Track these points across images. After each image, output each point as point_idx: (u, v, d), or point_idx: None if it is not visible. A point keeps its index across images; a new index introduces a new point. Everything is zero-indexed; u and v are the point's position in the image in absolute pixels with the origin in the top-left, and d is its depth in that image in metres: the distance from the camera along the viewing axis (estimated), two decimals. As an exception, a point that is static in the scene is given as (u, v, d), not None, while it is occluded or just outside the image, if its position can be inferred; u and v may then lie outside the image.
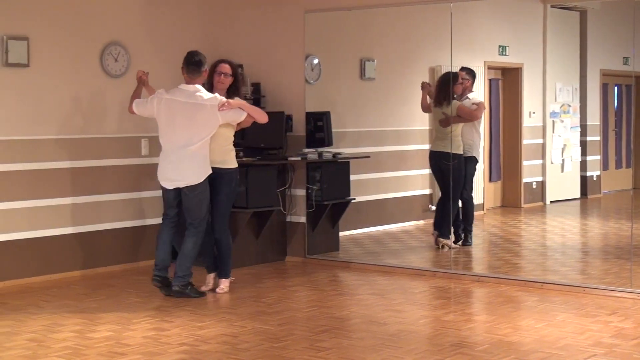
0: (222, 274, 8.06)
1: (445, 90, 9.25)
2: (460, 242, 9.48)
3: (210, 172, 7.66)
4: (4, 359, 5.84)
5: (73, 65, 8.73)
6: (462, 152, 9.35)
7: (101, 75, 8.95)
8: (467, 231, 9.52)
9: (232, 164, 7.87)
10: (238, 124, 7.87)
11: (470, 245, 9.52)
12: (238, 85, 8.01)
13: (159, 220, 9.47)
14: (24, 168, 8.35)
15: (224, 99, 7.64)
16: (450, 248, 9.13)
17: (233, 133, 7.92)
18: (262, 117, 7.86)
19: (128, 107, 7.94)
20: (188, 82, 7.72)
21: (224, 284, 8.02)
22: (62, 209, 8.64)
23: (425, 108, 9.66)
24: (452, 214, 9.26)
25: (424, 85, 9.61)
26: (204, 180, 7.66)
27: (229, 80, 7.89)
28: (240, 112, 7.73)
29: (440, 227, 9.49)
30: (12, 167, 8.27)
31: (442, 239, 9.36)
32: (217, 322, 6.80)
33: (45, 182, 8.52)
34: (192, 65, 7.73)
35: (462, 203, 9.47)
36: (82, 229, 8.82)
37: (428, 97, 9.54)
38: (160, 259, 7.79)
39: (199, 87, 7.71)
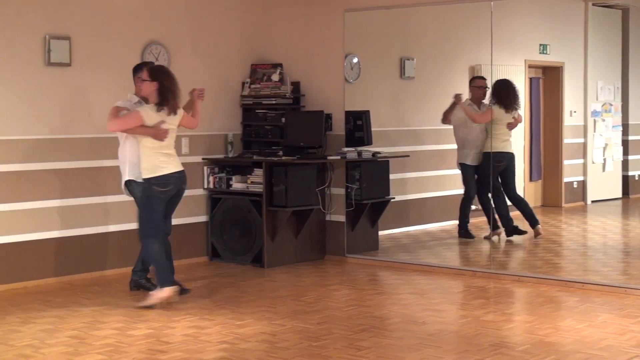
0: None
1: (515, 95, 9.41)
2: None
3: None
4: (47, 356, 5.90)
5: (114, 65, 8.79)
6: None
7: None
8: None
9: None
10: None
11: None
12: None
13: (200, 219, 9.58)
14: (70, 166, 8.43)
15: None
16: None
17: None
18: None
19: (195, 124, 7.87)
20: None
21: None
22: (104, 207, 8.71)
23: (449, 119, 9.71)
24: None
25: (458, 98, 9.57)
26: None
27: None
28: None
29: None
30: (58, 165, 8.36)
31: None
32: (256, 321, 6.82)
33: (90, 180, 8.59)
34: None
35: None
36: (121, 227, 8.87)
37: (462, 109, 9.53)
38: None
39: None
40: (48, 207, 8.32)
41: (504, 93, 9.42)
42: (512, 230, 9.58)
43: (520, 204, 9.62)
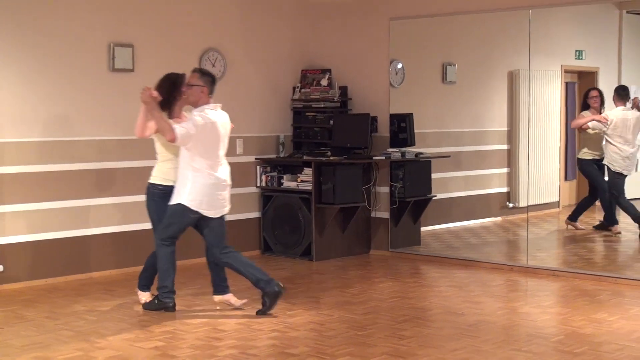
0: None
1: None
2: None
3: None
4: (111, 342, 5.97)
5: (174, 70, 8.84)
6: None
7: (199, 80, 9.08)
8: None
9: None
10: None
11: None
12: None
13: (253, 215, 9.62)
14: (133, 165, 8.51)
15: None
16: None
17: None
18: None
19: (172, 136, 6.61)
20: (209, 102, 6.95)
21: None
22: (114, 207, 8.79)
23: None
24: None
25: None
26: None
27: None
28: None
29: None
30: (123, 164, 8.46)
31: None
32: (305, 311, 6.86)
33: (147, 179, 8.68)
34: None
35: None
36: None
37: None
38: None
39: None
40: (109, 204, 8.41)
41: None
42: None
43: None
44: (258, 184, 9.59)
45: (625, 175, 9.14)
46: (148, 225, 8.71)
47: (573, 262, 8.88)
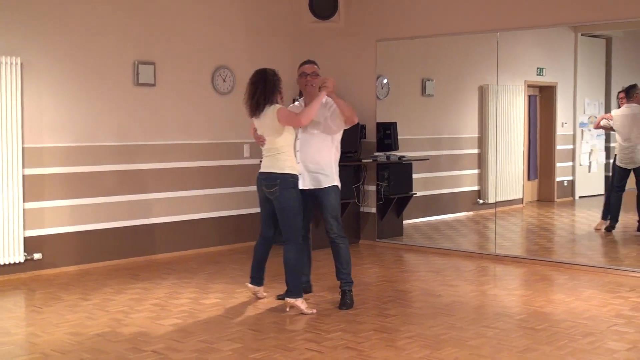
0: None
1: None
2: None
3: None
4: (135, 319, 5.98)
5: (190, 85, 8.87)
6: None
7: (212, 93, 9.08)
8: None
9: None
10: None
11: None
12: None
13: (256, 210, 9.60)
14: (154, 167, 8.54)
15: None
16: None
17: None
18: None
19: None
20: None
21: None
22: (181, 200, 8.81)
23: None
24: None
25: None
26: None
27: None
28: None
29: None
30: (145, 166, 8.47)
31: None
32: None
33: (172, 178, 8.69)
34: None
35: None
36: (197, 216, 8.97)
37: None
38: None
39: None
40: (134, 200, 8.42)
41: None
42: None
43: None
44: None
45: (625, 169, 8.89)
46: (168, 219, 8.78)
47: (534, 251, 8.90)
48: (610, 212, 8.98)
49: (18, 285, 7.26)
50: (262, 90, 6.14)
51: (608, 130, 9.21)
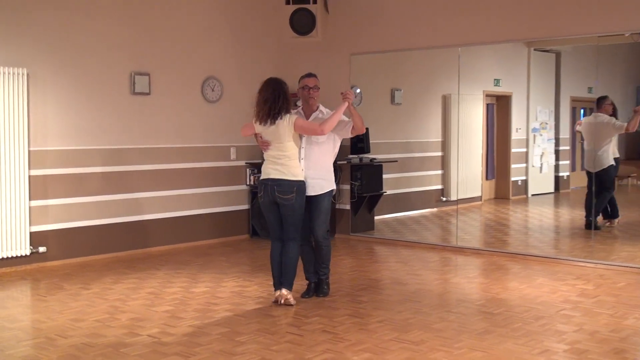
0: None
1: None
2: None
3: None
4: (131, 306, 5.95)
5: (182, 94, 8.84)
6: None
7: (202, 101, 9.05)
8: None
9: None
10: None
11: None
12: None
13: (244, 207, 9.58)
14: (149, 168, 8.49)
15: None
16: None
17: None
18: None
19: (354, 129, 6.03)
20: None
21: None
22: (174, 198, 8.78)
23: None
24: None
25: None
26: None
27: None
28: None
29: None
30: (139, 167, 8.42)
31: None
32: (284, 282, 6.87)
33: (165, 178, 8.65)
34: None
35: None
36: (187, 213, 8.93)
37: None
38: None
39: None
40: (130, 199, 8.37)
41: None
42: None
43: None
44: (247, 183, 9.56)
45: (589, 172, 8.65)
46: (162, 215, 8.75)
47: (492, 243, 8.94)
48: (585, 209, 8.76)
49: (24, 276, 7.20)
50: (280, 99, 5.81)
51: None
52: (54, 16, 7.67)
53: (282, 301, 5.90)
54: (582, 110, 10.29)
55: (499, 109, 10.32)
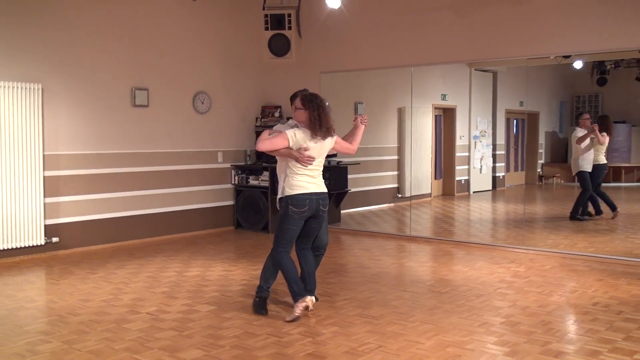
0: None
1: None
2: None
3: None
4: (133, 288, 5.90)
5: (176, 106, 8.78)
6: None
7: (193, 112, 8.99)
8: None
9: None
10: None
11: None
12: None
13: (229, 203, 9.54)
14: (147, 169, 8.42)
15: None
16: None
17: None
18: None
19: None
20: None
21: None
22: (169, 195, 8.71)
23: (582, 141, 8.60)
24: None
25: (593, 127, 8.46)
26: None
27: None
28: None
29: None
30: (139, 169, 8.34)
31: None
32: (264, 266, 6.85)
33: (162, 178, 8.58)
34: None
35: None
36: (180, 208, 8.87)
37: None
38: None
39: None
40: (130, 196, 8.30)
41: (607, 124, 8.53)
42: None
43: (604, 195, 8.68)
44: (232, 182, 9.52)
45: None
46: (155, 210, 8.68)
47: (440, 233, 8.99)
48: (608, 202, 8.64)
49: (39, 263, 7.10)
50: (327, 116, 5.02)
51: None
52: (65, 38, 7.58)
53: (311, 306, 5.03)
54: (514, 121, 10.41)
55: (445, 120, 10.38)
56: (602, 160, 8.59)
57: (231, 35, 9.50)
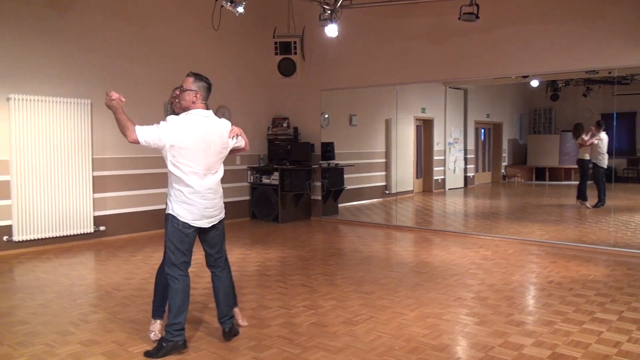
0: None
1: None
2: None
3: None
4: (136, 278, 5.87)
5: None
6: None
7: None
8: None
9: None
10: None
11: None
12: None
13: (246, 198, 9.52)
14: (153, 172, 8.40)
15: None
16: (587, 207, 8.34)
17: None
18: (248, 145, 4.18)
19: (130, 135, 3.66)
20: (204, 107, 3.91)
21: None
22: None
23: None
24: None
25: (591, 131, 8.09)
26: None
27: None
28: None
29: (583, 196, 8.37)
30: (144, 171, 8.32)
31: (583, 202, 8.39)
32: (275, 250, 6.83)
33: (156, 179, 8.56)
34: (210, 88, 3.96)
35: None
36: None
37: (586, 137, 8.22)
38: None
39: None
40: (150, 194, 8.28)
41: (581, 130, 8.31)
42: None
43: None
44: (248, 181, 9.52)
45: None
46: (156, 207, 8.65)
47: (420, 223, 8.97)
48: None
49: (89, 247, 7.10)
50: None
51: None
52: (109, 60, 7.57)
53: (241, 322, 3.99)
54: (482, 130, 10.41)
55: (424, 129, 10.39)
56: (586, 158, 8.31)
57: (247, 58, 9.49)
